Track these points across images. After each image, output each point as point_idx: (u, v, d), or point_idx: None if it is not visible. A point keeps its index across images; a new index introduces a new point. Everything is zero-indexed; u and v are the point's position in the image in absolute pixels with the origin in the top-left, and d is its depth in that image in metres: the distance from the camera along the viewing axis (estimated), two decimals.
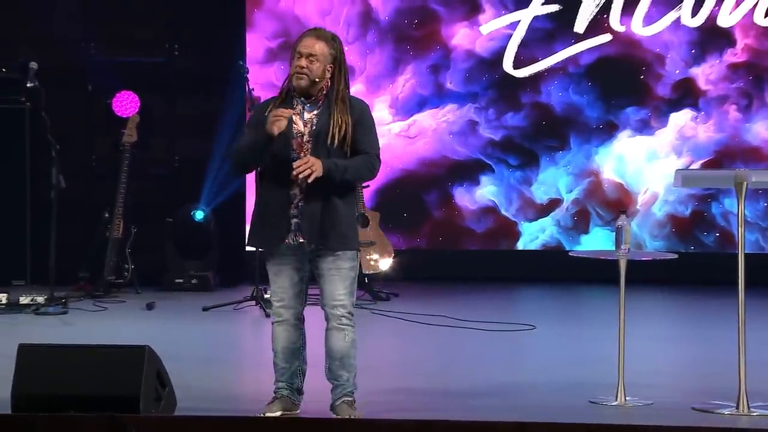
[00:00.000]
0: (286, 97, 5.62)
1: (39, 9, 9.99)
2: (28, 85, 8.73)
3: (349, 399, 5.60)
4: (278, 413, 5.58)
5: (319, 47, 5.55)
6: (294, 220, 5.54)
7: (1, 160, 9.63)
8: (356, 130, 5.55)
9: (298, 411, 5.64)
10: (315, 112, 5.56)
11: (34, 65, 8.69)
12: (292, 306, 5.62)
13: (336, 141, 5.52)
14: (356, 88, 10.27)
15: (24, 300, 8.58)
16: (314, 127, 5.54)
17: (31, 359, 5.35)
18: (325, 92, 5.58)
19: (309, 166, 5.42)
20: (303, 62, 5.53)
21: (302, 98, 5.58)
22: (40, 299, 8.57)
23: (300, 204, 5.54)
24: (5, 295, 8.63)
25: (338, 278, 5.55)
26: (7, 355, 5.52)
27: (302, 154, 5.51)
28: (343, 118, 5.54)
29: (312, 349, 5.74)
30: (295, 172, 5.44)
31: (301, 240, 5.54)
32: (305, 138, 5.54)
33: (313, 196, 5.51)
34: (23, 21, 9.99)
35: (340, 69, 5.58)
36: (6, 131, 9.62)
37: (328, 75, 5.56)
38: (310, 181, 5.43)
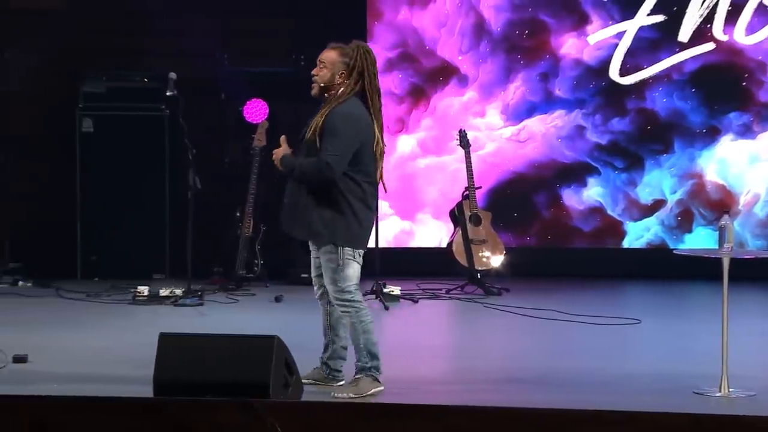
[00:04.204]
0: None
1: (178, 25, 10.15)
2: (167, 94, 8.84)
3: (357, 376, 5.68)
4: (305, 380, 5.70)
5: (327, 55, 5.59)
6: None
7: (144, 163, 9.79)
8: (321, 132, 5.54)
9: (325, 384, 5.79)
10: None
11: (173, 76, 8.81)
12: (317, 288, 5.85)
13: (308, 138, 5.58)
14: (469, 96, 10.24)
15: (164, 292, 8.70)
16: None
17: (170, 347, 5.44)
18: None
19: (273, 158, 5.67)
20: (314, 70, 5.60)
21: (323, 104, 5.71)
22: (178, 292, 8.69)
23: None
24: (147, 287, 8.77)
25: (323, 268, 5.71)
26: (149, 343, 5.60)
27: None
28: (320, 117, 5.56)
29: (422, 340, 5.70)
30: None
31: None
32: None
33: (293, 191, 5.65)
34: (163, 36, 10.15)
35: (350, 75, 5.53)
36: (148, 137, 9.78)
37: (339, 80, 5.52)
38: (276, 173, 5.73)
